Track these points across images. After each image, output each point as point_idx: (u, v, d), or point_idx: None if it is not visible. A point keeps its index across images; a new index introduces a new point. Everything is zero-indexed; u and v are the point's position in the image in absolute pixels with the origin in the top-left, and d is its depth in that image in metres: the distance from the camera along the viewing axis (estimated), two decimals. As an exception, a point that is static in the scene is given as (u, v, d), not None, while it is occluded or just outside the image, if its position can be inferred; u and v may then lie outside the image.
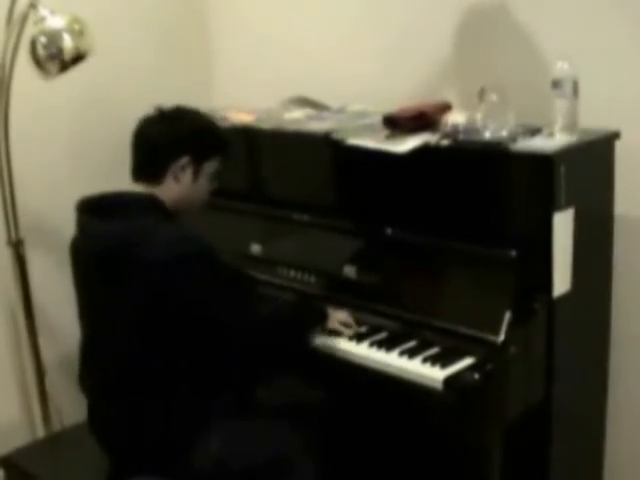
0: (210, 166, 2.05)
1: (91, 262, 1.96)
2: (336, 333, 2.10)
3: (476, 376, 1.85)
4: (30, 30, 2.25)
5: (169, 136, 2.00)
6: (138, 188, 2.02)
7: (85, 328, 2.05)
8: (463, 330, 1.97)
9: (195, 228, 2.01)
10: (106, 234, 1.91)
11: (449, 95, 2.38)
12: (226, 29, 3.10)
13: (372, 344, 2.05)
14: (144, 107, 2.07)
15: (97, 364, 2.00)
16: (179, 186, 2.01)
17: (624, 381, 2.31)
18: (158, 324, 1.86)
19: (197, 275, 1.87)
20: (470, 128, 2.09)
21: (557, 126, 2.01)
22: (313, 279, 2.30)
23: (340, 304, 2.20)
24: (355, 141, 2.20)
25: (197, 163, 2.02)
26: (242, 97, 2.88)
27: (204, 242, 1.90)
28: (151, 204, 1.97)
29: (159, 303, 1.85)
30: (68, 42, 2.23)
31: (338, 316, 2.12)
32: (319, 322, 2.09)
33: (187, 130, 2.02)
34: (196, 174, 2.02)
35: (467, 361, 1.91)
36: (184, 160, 1.99)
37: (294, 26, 2.87)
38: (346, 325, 2.11)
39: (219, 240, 2.40)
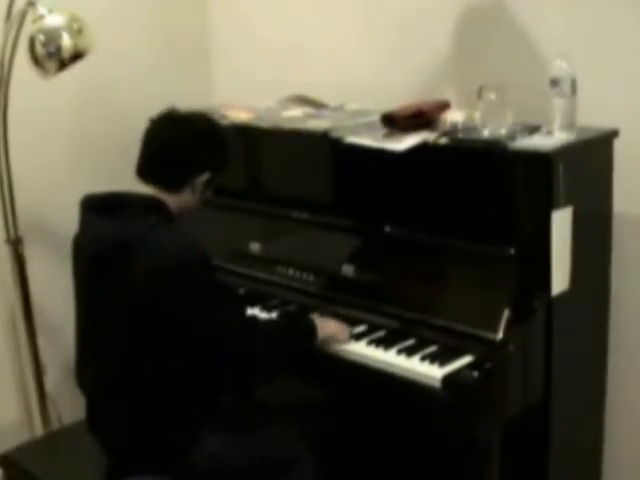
0: (218, 178, 2.06)
1: (89, 261, 1.95)
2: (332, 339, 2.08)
3: (475, 374, 1.85)
4: (28, 28, 2.25)
5: (200, 153, 2.00)
6: (145, 188, 2.00)
7: (80, 325, 2.04)
8: (462, 328, 1.97)
9: (194, 227, 2.01)
10: (106, 234, 1.90)
11: (448, 93, 2.38)
12: (226, 28, 3.10)
13: (370, 342, 2.05)
14: (143, 106, 2.08)
15: (93, 364, 2.00)
16: (193, 197, 2.02)
17: (623, 380, 2.31)
18: (149, 328, 1.86)
19: (189, 285, 1.85)
20: (469, 126, 2.09)
21: (556, 124, 2.01)
22: (312, 277, 2.30)
23: (338, 302, 2.20)
24: (353, 139, 2.20)
25: (213, 177, 2.03)
26: (241, 96, 2.88)
27: (200, 252, 1.88)
28: (155, 207, 1.95)
29: (150, 308, 1.83)
30: (66, 40, 2.23)
31: (328, 324, 2.09)
32: (310, 335, 2.06)
33: (215, 147, 2.03)
34: (208, 186, 2.03)
35: (466, 359, 1.91)
36: (206, 176, 2.00)
37: (293, 26, 2.87)
38: (341, 330, 2.09)
39: (218, 238, 2.41)
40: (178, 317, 1.85)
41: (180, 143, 1.99)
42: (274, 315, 2.26)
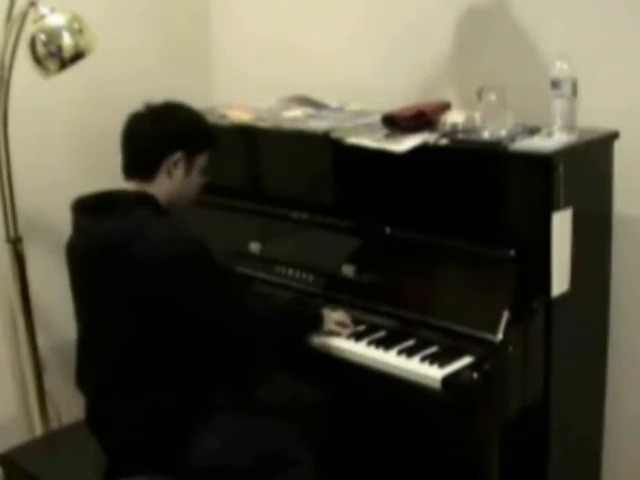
0: (201, 160, 2.06)
1: (84, 261, 1.96)
2: (333, 334, 2.09)
3: (474, 375, 1.85)
4: (30, 28, 2.25)
5: (161, 132, 2.00)
6: (129, 185, 2.02)
7: (80, 326, 2.05)
8: (461, 329, 1.97)
9: (194, 226, 2.01)
10: (99, 232, 1.92)
11: (448, 94, 2.38)
12: (226, 28, 3.10)
13: (370, 343, 2.05)
14: (144, 106, 2.08)
15: (93, 363, 2.00)
16: (172, 182, 2.01)
17: (622, 380, 2.31)
18: (151, 323, 1.86)
19: (190, 275, 1.87)
20: (469, 127, 2.09)
21: (556, 126, 2.01)
22: (311, 278, 2.30)
23: (338, 303, 2.20)
24: (354, 140, 2.20)
25: (189, 158, 2.02)
26: (242, 97, 2.88)
27: (197, 241, 1.90)
28: (144, 201, 1.97)
29: (151, 302, 1.85)
30: (67, 40, 2.23)
31: (334, 317, 2.11)
32: (314, 324, 2.08)
33: (179, 125, 2.03)
34: (189, 169, 2.03)
35: (465, 360, 1.91)
36: (177, 155, 2.00)
37: (294, 26, 2.87)
38: (343, 325, 2.11)
39: (218, 238, 2.41)
40: (181, 307, 1.86)
41: (140, 127, 2.02)
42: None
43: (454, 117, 2.13)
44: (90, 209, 1.97)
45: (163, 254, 1.84)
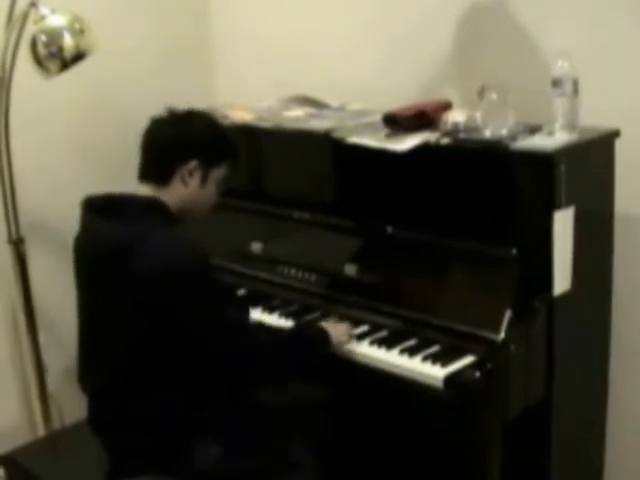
0: (218, 172, 2.03)
1: (89, 262, 1.96)
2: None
3: (476, 374, 1.85)
4: (30, 29, 2.25)
5: (179, 139, 1.98)
6: (143, 189, 2.00)
7: (82, 326, 2.04)
8: (463, 328, 1.97)
9: (196, 226, 2.01)
10: (106, 235, 1.90)
11: (449, 94, 2.38)
12: (226, 28, 3.10)
13: (372, 342, 2.06)
14: (145, 106, 2.08)
15: (96, 364, 2.00)
16: (186, 190, 1.99)
17: (624, 379, 2.32)
18: (157, 327, 1.85)
19: (189, 288, 1.85)
20: (470, 126, 2.09)
21: (557, 125, 2.01)
22: (314, 277, 2.30)
23: (340, 302, 2.20)
24: (355, 140, 2.20)
25: (206, 168, 1.99)
26: (242, 96, 2.88)
27: (202, 254, 1.88)
28: (155, 207, 1.95)
29: (156, 308, 1.83)
30: (68, 41, 2.23)
31: (339, 330, 2.09)
32: (321, 343, 2.05)
33: (198, 134, 2.00)
34: (204, 179, 2.00)
35: (467, 359, 1.91)
36: (193, 164, 1.97)
37: (294, 26, 2.87)
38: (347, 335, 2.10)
39: (220, 238, 2.42)
40: (178, 318, 1.85)
41: (160, 131, 2.00)
42: (276, 316, 2.27)
43: (455, 116, 2.13)
44: (99, 211, 1.95)
45: (166, 263, 1.82)
